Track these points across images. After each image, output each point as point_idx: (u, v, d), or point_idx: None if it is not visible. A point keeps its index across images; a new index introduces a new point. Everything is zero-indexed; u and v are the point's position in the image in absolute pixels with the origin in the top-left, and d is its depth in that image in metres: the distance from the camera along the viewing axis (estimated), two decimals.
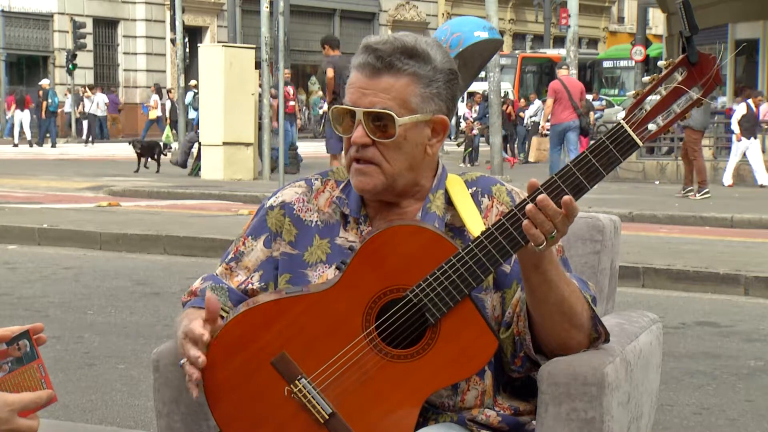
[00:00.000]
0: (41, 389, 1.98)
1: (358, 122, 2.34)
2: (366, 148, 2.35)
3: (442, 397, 2.37)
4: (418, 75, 2.34)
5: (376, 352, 2.25)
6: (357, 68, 2.36)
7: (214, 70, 19.17)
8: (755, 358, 6.65)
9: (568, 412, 2.27)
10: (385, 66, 2.33)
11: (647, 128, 2.19)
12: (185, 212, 14.52)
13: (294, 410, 2.25)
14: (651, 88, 2.20)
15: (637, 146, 2.18)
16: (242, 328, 2.27)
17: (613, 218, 2.74)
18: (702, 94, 2.19)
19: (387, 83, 2.33)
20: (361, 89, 2.34)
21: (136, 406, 5.44)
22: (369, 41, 2.37)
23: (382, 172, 2.36)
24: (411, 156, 2.37)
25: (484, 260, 2.21)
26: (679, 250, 10.62)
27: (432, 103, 2.37)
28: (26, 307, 8.03)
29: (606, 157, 2.18)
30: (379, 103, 2.32)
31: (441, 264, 2.22)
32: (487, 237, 2.21)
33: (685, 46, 2.18)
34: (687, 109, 2.20)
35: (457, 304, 2.23)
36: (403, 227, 2.28)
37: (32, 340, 1.99)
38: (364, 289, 2.25)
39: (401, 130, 2.33)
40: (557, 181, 2.18)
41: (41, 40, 40.48)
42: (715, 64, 2.18)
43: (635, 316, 2.69)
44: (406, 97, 2.33)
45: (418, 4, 49.62)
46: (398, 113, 2.32)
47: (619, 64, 41.58)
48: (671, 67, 2.20)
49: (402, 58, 2.33)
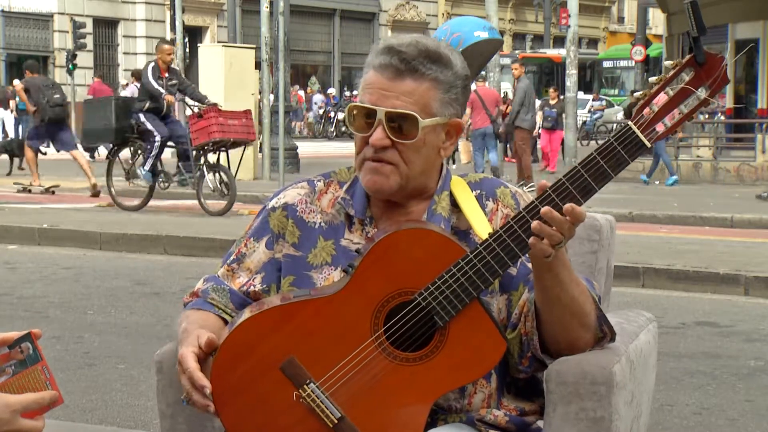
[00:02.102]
0: (46, 391, 1.98)
1: (378, 123, 2.33)
2: (386, 149, 2.34)
3: (449, 401, 2.36)
4: (439, 80, 2.34)
5: (384, 356, 2.24)
6: (378, 69, 2.34)
7: (214, 70, 19.16)
8: (755, 358, 6.65)
9: (576, 412, 2.28)
10: (408, 69, 2.32)
11: (655, 129, 2.19)
12: (185, 212, 14.52)
13: (302, 415, 2.24)
14: (659, 88, 2.20)
15: (645, 147, 2.18)
16: (249, 333, 2.26)
17: (609, 218, 2.75)
18: (709, 95, 2.18)
19: (410, 86, 2.32)
20: (382, 90, 2.33)
21: (136, 406, 5.44)
22: (391, 43, 2.35)
23: (398, 174, 2.35)
24: (426, 159, 2.38)
25: (493, 263, 2.21)
26: (679, 250, 10.62)
27: (450, 108, 2.37)
28: (26, 307, 8.03)
29: (614, 158, 2.18)
30: (401, 105, 2.31)
31: (449, 267, 2.22)
32: (495, 239, 2.21)
33: (692, 46, 2.18)
34: (695, 110, 2.19)
35: (466, 306, 2.22)
36: (411, 230, 2.28)
37: (35, 342, 1.99)
38: (373, 293, 2.25)
39: (422, 133, 2.33)
40: (565, 183, 2.18)
41: (41, 40, 40.47)
42: (722, 64, 2.18)
43: (632, 316, 2.70)
44: (427, 101, 2.33)
45: (418, 4, 49.60)
46: (420, 116, 2.32)
47: (619, 64, 41.61)
48: (679, 68, 2.19)
49: (426, 63, 2.33)
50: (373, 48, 2.39)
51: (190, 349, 2.25)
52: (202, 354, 2.25)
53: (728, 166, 20.82)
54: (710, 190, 17.29)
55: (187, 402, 2.26)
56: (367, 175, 2.37)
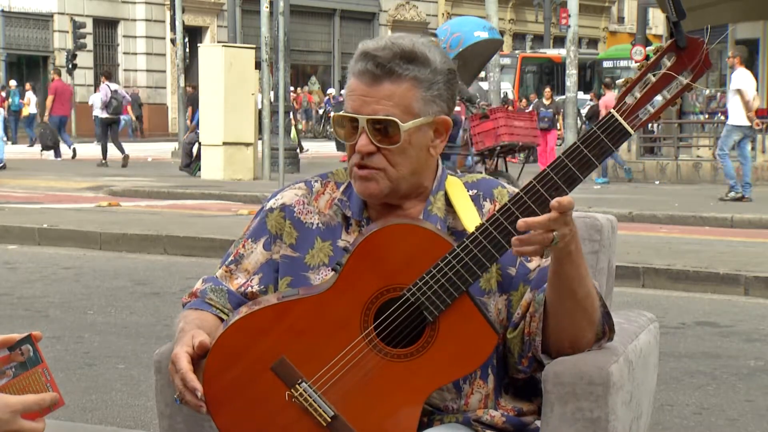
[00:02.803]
0: (47, 393, 1.98)
1: (361, 130, 2.33)
2: (371, 155, 2.34)
3: (446, 401, 2.36)
4: (418, 79, 2.33)
5: (375, 353, 2.24)
6: (356, 75, 2.34)
7: (214, 70, 19.18)
8: (755, 358, 6.65)
9: (573, 412, 2.28)
10: (385, 73, 2.31)
11: (638, 116, 2.18)
12: (185, 212, 14.52)
13: (296, 415, 2.24)
14: (640, 75, 2.18)
15: (629, 135, 2.17)
16: (240, 335, 2.27)
17: (610, 218, 2.75)
18: (691, 79, 2.17)
19: (388, 90, 2.31)
20: (362, 97, 2.33)
21: (136, 406, 5.44)
22: (366, 47, 2.35)
23: (387, 177, 2.35)
24: (416, 159, 2.37)
25: (480, 256, 2.21)
26: (679, 250, 10.61)
27: (434, 105, 2.36)
28: (26, 307, 8.02)
29: (598, 147, 2.17)
30: (381, 110, 2.31)
31: (437, 261, 2.22)
32: (481, 232, 2.21)
33: (673, 31, 2.17)
34: (677, 95, 2.18)
35: (455, 301, 2.22)
36: (398, 226, 2.28)
37: (35, 344, 1.99)
38: (361, 290, 2.25)
39: (406, 135, 2.32)
40: (550, 173, 2.17)
41: (41, 40, 40.48)
42: (703, 48, 2.16)
43: (633, 316, 2.70)
44: (408, 102, 2.32)
45: (418, 4, 49.60)
46: (402, 119, 2.31)
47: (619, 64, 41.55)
48: (660, 53, 2.18)
49: (401, 64, 2.31)
50: (355, 53, 2.39)
51: (184, 349, 2.25)
52: (195, 355, 2.25)
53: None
54: (710, 190, 17.27)
55: (180, 401, 2.26)
56: (358, 182, 2.38)
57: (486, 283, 2.37)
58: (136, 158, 22.22)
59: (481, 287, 2.37)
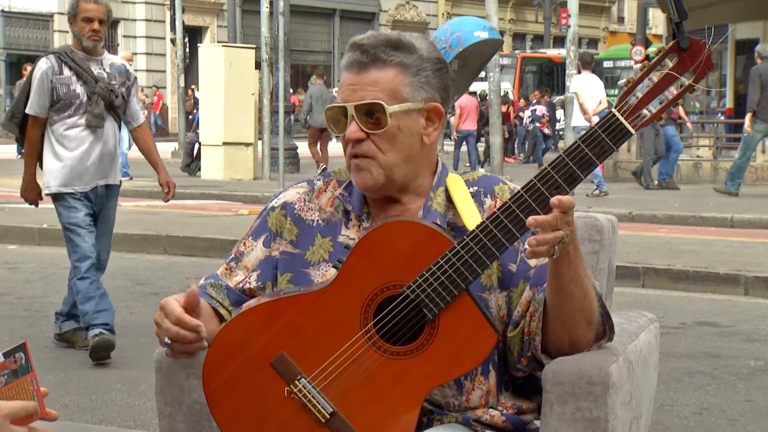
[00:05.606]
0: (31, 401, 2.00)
1: (350, 118, 2.34)
2: (361, 142, 2.35)
3: (447, 397, 2.36)
4: (405, 64, 2.35)
5: (375, 350, 2.24)
6: (345, 68, 2.38)
7: (214, 70, 19.17)
8: (755, 358, 6.65)
9: (572, 412, 2.28)
10: (371, 59, 2.34)
11: (639, 115, 2.18)
12: (185, 212, 14.51)
13: (295, 411, 2.25)
14: (642, 75, 2.18)
15: (630, 134, 2.17)
16: (240, 330, 2.27)
17: (611, 218, 2.75)
18: (693, 80, 2.17)
19: (375, 76, 2.34)
20: (351, 86, 2.35)
21: (136, 406, 5.44)
22: (354, 39, 2.39)
23: (378, 165, 2.36)
24: (407, 146, 2.37)
25: (480, 253, 2.21)
26: (679, 250, 10.61)
27: (423, 91, 2.37)
28: (26, 307, 8.02)
29: (599, 146, 2.17)
30: (368, 95, 2.33)
31: (437, 259, 2.22)
32: (482, 230, 2.21)
33: (675, 32, 2.17)
34: (679, 95, 2.18)
35: (455, 298, 2.22)
36: (398, 223, 2.28)
37: (28, 353, 2.01)
38: (361, 287, 2.25)
39: (393, 119, 2.33)
40: (551, 172, 2.17)
41: (41, 40, 40.48)
42: (705, 49, 2.16)
43: (634, 316, 2.70)
44: (395, 87, 2.34)
45: (418, 4, 49.60)
46: (388, 103, 2.33)
47: (619, 64, 41.55)
48: (662, 54, 2.18)
49: (387, 50, 2.34)
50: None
51: (172, 297, 2.25)
52: (185, 302, 2.23)
53: (728, 166, 20.74)
54: (710, 190, 17.27)
55: (170, 352, 2.24)
56: (355, 174, 2.39)
57: (487, 279, 2.38)
58: (136, 158, 22.17)
59: (481, 283, 2.37)
